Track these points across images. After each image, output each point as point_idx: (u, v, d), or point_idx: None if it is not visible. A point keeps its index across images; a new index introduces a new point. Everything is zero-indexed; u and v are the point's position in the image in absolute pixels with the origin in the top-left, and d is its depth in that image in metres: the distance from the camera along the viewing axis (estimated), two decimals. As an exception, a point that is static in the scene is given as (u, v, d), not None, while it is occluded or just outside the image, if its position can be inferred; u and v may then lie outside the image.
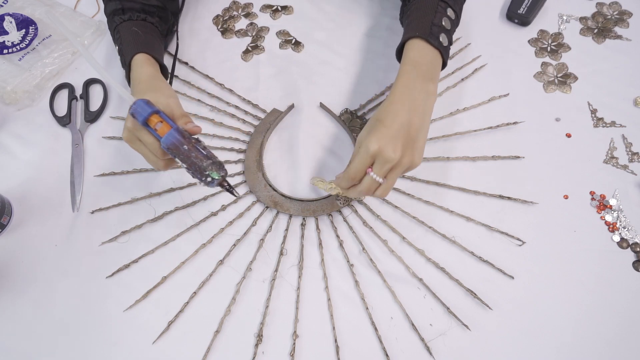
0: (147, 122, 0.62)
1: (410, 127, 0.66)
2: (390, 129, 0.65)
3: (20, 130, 0.89)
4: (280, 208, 0.79)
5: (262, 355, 0.69)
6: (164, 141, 0.62)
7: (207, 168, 0.61)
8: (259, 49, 0.98)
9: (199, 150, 0.62)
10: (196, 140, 0.63)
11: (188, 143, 0.61)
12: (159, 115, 0.63)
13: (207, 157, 0.62)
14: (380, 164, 0.65)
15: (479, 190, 0.80)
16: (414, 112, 0.67)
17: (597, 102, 0.88)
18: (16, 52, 0.95)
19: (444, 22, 0.75)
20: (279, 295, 0.73)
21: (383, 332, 0.70)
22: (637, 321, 0.70)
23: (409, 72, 0.70)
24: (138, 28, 0.81)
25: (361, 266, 0.75)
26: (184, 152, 0.61)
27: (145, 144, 0.65)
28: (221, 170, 0.63)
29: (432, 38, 0.72)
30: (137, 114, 0.62)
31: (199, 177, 0.62)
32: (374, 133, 0.65)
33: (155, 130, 0.62)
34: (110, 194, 0.82)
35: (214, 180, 0.62)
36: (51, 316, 0.73)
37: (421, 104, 0.69)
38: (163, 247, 0.77)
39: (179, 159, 0.62)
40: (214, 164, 0.62)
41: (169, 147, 0.62)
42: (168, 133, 0.61)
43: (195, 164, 0.61)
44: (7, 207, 0.79)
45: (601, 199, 0.79)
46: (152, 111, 0.62)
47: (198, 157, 0.61)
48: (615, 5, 0.98)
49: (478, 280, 0.73)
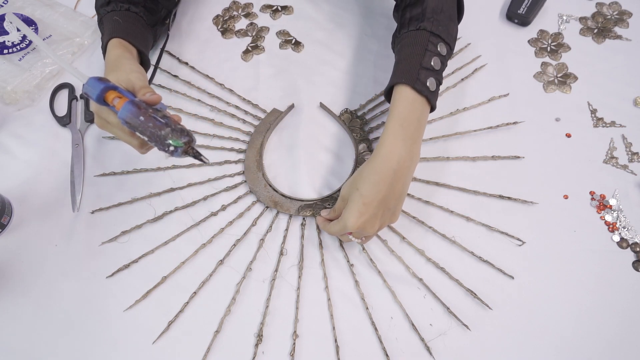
0: (105, 100, 0.60)
1: (390, 198, 0.68)
2: (369, 206, 0.67)
3: (20, 130, 0.89)
4: (280, 208, 0.79)
5: (262, 355, 0.69)
6: (120, 116, 0.59)
7: (167, 136, 0.58)
8: (259, 49, 0.98)
9: (156, 119, 0.59)
10: (154, 110, 0.60)
11: (144, 114, 0.59)
12: (116, 91, 0.60)
13: (165, 125, 0.58)
14: (360, 234, 0.69)
15: (479, 190, 0.80)
16: (396, 182, 0.68)
17: (597, 102, 0.88)
18: (16, 52, 0.95)
19: (434, 63, 0.72)
20: (279, 295, 0.73)
21: (383, 332, 0.70)
22: (637, 321, 0.70)
23: (395, 132, 0.69)
24: (119, 17, 0.80)
25: (361, 266, 0.75)
26: (141, 123, 0.58)
27: (112, 124, 0.63)
28: (183, 136, 0.59)
29: (419, 85, 0.70)
30: (89, 92, 0.60)
31: (162, 147, 0.59)
32: (354, 211, 0.67)
33: (114, 106, 0.60)
34: (110, 194, 0.82)
35: (177, 149, 0.59)
36: (51, 316, 0.73)
37: (405, 171, 0.69)
38: (163, 247, 0.77)
39: (139, 132, 0.59)
40: (174, 131, 0.58)
41: (126, 121, 0.59)
42: (123, 107, 0.59)
43: (154, 134, 0.58)
44: (7, 207, 0.79)
45: (601, 199, 0.79)
46: (105, 87, 0.60)
47: (156, 127, 0.58)
48: (615, 5, 0.99)
49: (478, 280, 0.73)
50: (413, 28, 0.75)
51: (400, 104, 0.71)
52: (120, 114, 0.59)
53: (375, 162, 0.68)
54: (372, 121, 0.88)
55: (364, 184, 0.67)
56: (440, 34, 0.74)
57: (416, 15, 0.76)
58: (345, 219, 0.67)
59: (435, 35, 0.74)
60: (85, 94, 0.61)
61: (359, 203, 0.67)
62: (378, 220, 0.68)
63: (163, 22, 0.93)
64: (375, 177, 0.67)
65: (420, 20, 0.75)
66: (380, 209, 0.67)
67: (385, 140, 0.69)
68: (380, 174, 0.67)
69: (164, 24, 0.94)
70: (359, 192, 0.67)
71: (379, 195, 0.67)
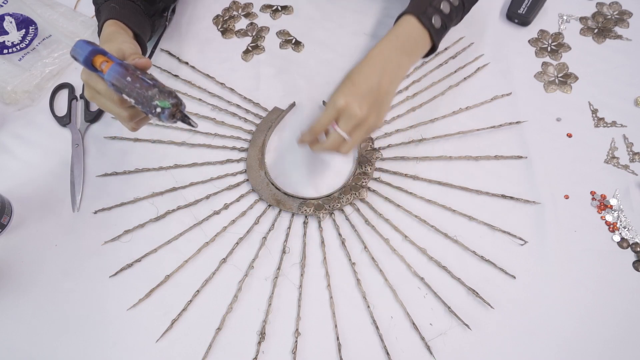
0: (93, 64, 0.59)
1: (379, 89, 0.71)
2: (359, 88, 0.70)
3: (20, 130, 0.89)
4: (282, 206, 0.79)
5: (264, 352, 0.69)
6: (107, 77, 0.58)
7: (154, 97, 0.57)
8: (259, 49, 0.98)
9: (143, 80, 0.58)
10: (142, 73, 0.59)
11: (132, 75, 0.58)
12: (104, 55, 0.59)
13: (153, 85, 0.58)
14: (346, 119, 0.69)
15: (481, 189, 0.80)
16: (384, 76, 0.71)
17: (598, 102, 0.88)
18: (16, 52, 0.95)
19: (443, 6, 0.76)
20: (281, 293, 0.73)
21: (384, 330, 0.70)
22: (637, 321, 0.70)
23: (389, 41, 0.74)
24: (116, 4, 0.79)
25: (363, 265, 0.75)
26: (128, 84, 0.57)
27: (101, 92, 0.62)
28: (170, 97, 0.58)
29: (424, 17, 0.74)
30: (77, 54, 0.59)
31: (148, 109, 0.58)
32: (343, 90, 0.70)
33: (102, 71, 0.59)
34: (110, 194, 0.82)
35: (164, 110, 0.58)
36: (52, 316, 0.73)
37: (392, 71, 0.73)
38: (166, 246, 0.77)
39: (125, 94, 0.58)
40: (162, 92, 0.58)
41: (114, 83, 0.58)
42: (110, 68, 0.58)
43: (141, 95, 0.57)
44: (7, 207, 0.79)
45: (602, 199, 0.79)
46: (93, 49, 0.59)
47: (143, 87, 0.57)
48: (615, 5, 0.99)
49: (479, 280, 0.73)
50: None
51: (401, 26, 0.75)
52: (107, 76, 0.58)
53: (365, 59, 0.72)
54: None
55: (353, 73, 0.71)
56: None
57: None
58: (333, 98, 0.69)
59: None
60: (73, 56, 0.60)
61: (348, 84, 0.70)
62: (366, 103, 0.69)
63: (161, 14, 0.93)
64: (364, 69, 0.72)
65: None
66: (369, 93, 0.70)
67: (376, 46, 0.74)
68: (370, 67, 0.72)
69: (162, 16, 0.93)
70: (349, 78, 0.71)
71: (367, 81, 0.70)
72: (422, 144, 0.85)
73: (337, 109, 0.68)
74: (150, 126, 0.88)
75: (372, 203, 0.80)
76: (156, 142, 0.86)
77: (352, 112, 0.68)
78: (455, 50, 0.95)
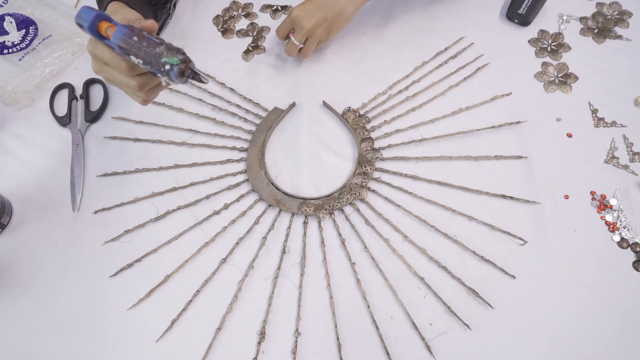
0: (98, 30, 0.58)
1: (332, 7, 0.85)
2: (313, 3, 0.85)
3: (20, 130, 0.89)
4: (282, 206, 0.79)
5: (264, 352, 0.69)
6: (113, 40, 0.57)
7: (162, 54, 0.56)
8: (259, 49, 0.98)
9: (150, 39, 0.56)
10: (148, 32, 0.58)
11: (138, 34, 0.56)
12: (108, 21, 0.58)
13: (160, 43, 0.56)
14: (297, 30, 0.86)
15: (481, 189, 0.80)
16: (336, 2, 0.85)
17: (598, 102, 0.88)
18: (16, 52, 0.95)
19: None
20: (281, 293, 0.73)
21: (384, 330, 0.70)
22: (637, 321, 0.70)
23: None
24: None
25: (363, 265, 0.75)
26: (135, 44, 0.56)
27: (108, 61, 0.61)
28: (179, 54, 0.57)
29: None
30: (81, 20, 0.58)
31: (157, 68, 0.57)
32: (300, 5, 0.86)
33: (107, 37, 0.58)
34: (110, 194, 0.82)
35: (173, 67, 0.56)
36: (52, 316, 0.72)
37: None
38: (166, 246, 0.77)
39: (132, 54, 0.57)
40: (169, 49, 0.56)
41: (120, 45, 0.57)
42: (115, 30, 0.57)
43: (149, 53, 0.56)
44: (7, 207, 0.79)
45: (602, 199, 0.79)
46: (98, 14, 0.58)
47: (150, 45, 0.56)
48: (615, 5, 0.99)
49: (479, 280, 0.73)
50: None
51: None
52: (114, 38, 0.57)
53: None
54: (375, 120, 0.88)
55: None
56: None
57: None
58: (290, 9, 0.87)
59: None
60: (78, 23, 0.59)
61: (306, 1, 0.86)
62: (316, 18, 0.84)
63: (164, 5, 0.93)
64: None
65: None
66: (318, 12, 0.84)
67: None
68: None
69: (164, 7, 0.93)
70: None
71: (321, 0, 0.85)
72: (422, 144, 0.85)
73: (290, 20, 0.86)
74: (150, 126, 0.88)
75: (372, 203, 0.80)
76: (156, 142, 0.86)
77: (301, 24, 0.84)
78: (455, 50, 0.95)
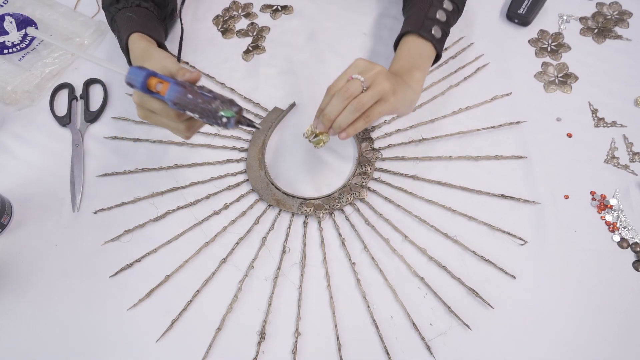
0: (148, 87, 0.61)
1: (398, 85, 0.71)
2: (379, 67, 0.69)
3: (20, 130, 0.89)
4: (282, 206, 0.79)
5: (264, 352, 0.69)
6: (168, 98, 0.60)
7: (218, 109, 0.59)
8: (260, 49, 0.98)
9: (204, 95, 0.60)
10: (199, 87, 0.62)
11: (191, 91, 0.60)
12: (156, 77, 0.61)
13: (214, 98, 0.60)
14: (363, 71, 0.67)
15: (481, 189, 0.80)
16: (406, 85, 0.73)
17: (598, 102, 0.88)
18: (16, 52, 0.95)
19: (439, 15, 0.79)
20: (281, 293, 0.73)
21: (384, 330, 0.70)
22: (637, 321, 0.70)
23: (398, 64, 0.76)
24: (132, 13, 0.81)
25: (363, 265, 0.75)
26: (190, 101, 0.60)
27: (157, 111, 0.64)
28: (233, 106, 0.61)
29: (424, 31, 0.77)
30: (133, 81, 0.61)
31: (214, 121, 0.60)
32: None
33: (158, 92, 0.61)
34: (110, 194, 0.82)
35: (229, 120, 0.60)
36: (52, 316, 0.73)
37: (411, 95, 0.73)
38: (166, 246, 0.77)
39: (189, 110, 0.60)
40: (224, 103, 0.60)
41: (175, 102, 0.60)
42: (169, 89, 0.60)
43: (205, 109, 0.60)
44: (7, 207, 0.79)
45: (602, 199, 0.79)
46: (147, 73, 0.61)
47: (205, 102, 0.60)
48: (615, 5, 0.99)
49: (479, 280, 0.73)
50: None
51: (405, 47, 0.78)
52: (168, 96, 0.60)
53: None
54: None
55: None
56: None
57: None
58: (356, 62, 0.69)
59: None
60: (129, 83, 0.61)
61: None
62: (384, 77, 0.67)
63: (171, 16, 0.94)
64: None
65: None
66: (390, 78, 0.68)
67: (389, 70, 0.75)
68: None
69: (172, 17, 0.94)
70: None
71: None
72: (422, 144, 0.85)
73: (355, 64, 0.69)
74: (149, 126, 0.88)
75: (372, 203, 0.80)
76: (156, 142, 0.86)
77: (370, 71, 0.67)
78: (455, 50, 0.95)
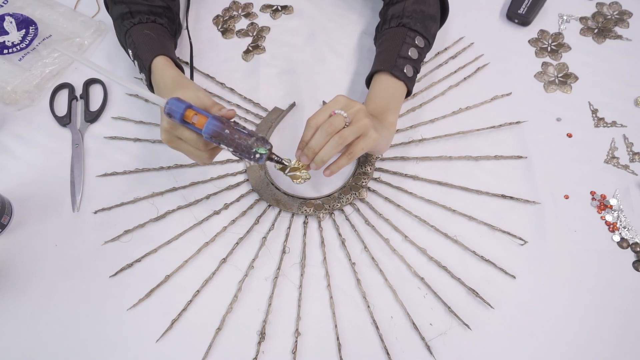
0: (184, 118, 0.63)
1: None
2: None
3: (20, 130, 0.89)
4: (282, 206, 0.79)
5: (264, 352, 0.69)
6: (205, 131, 0.62)
7: (253, 145, 0.62)
8: (259, 49, 0.98)
9: (240, 131, 0.63)
10: (234, 123, 0.64)
11: (228, 127, 0.62)
12: (192, 109, 0.63)
13: (250, 135, 0.63)
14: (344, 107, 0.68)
15: (481, 189, 0.80)
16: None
17: (598, 102, 0.88)
18: (16, 52, 0.95)
19: (411, 53, 0.80)
20: (281, 293, 0.73)
21: (384, 330, 0.70)
22: (638, 321, 0.70)
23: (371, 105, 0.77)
24: (150, 31, 0.81)
25: (363, 265, 0.75)
26: (227, 136, 0.62)
27: (187, 140, 0.66)
28: (266, 144, 0.64)
29: (397, 71, 0.78)
30: (173, 112, 0.63)
31: (247, 156, 0.63)
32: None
33: (193, 124, 0.63)
34: (110, 194, 0.82)
35: (262, 156, 0.64)
36: (52, 316, 0.72)
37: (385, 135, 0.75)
38: (166, 246, 0.77)
39: (224, 144, 0.63)
40: (258, 140, 0.63)
41: (212, 136, 0.62)
42: (207, 122, 0.62)
43: (241, 145, 0.62)
44: (7, 207, 0.79)
45: (602, 199, 0.79)
46: (186, 106, 0.63)
47: (242, 138, 0.62)
48: (615, 5, 0.99)
49: (479, 280, 0.73)
50: (394, 25, 0.83)
51: (377, 87, 0.79)
52: (206, 130, 0.62)
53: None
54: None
55: None
56: (418, 29, 0.81)
57: (397, 13, 0.83)
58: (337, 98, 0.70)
59: (413, 31, 0.81)
60: (168, 114, 0.63)
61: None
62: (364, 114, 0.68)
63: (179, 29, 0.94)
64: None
65: (400, 17, 0.83)
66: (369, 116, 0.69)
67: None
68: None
69: (179, 31, 0.94)
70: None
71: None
72: (422, 144, 0.85)
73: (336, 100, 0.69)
74: (149, 126, 0.88)
75: (372, 203, 0.80)
76: (156, 142, 0.86)
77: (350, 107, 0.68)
78: (455, 50, 0.95)
